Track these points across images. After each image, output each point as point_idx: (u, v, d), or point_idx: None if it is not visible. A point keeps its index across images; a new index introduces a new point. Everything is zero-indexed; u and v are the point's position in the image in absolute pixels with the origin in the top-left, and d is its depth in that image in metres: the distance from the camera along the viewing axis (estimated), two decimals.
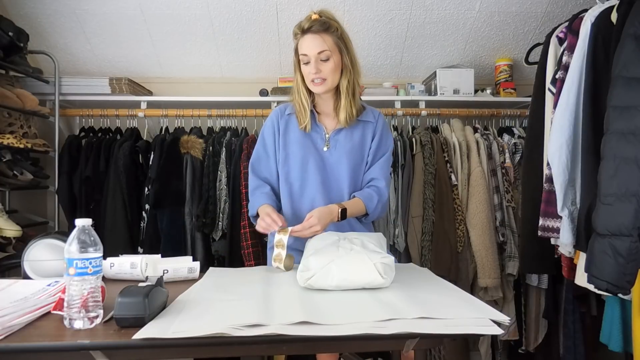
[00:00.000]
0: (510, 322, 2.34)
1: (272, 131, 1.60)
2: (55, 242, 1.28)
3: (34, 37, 2.45)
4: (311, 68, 1.48)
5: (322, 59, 1.47)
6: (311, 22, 1.47)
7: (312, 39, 1.47)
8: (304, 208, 1.54)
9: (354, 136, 1.58)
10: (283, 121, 1.59)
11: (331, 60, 1.47)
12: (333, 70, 1.48)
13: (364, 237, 1.30)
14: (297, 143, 1.56)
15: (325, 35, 1.46)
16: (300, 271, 1.16)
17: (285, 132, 1.58)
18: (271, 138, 1.60)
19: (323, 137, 1.57)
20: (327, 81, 1.49)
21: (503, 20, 2.63)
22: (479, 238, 2.31)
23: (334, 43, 1.48)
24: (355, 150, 1.57)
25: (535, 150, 1.92)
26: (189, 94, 2.63)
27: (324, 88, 1.50)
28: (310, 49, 1.47)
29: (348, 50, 1.51)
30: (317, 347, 1.06)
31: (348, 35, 1.54)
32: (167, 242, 2.26)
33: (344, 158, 1.55)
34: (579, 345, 2.14)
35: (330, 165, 1.56)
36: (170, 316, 0.92)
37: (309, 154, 1.55)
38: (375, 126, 1.60)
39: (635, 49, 1.35)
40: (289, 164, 1.57)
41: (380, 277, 1.12)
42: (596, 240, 1.36)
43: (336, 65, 1.49)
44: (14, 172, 2.15)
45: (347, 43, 1.52)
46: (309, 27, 1.47)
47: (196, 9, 2.48)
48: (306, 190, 1.55)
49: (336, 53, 1.48)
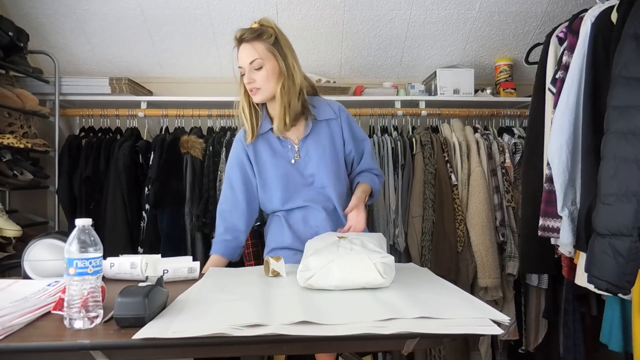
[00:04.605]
0: (510, 322, 2.35)
1: (241, 162, 1.59)
2: (55, 242, 1.28)
3: (34, 37, 2.45)
4: (245, 78, 1.48)
5: (255, 67, 1.46)
6: (242, 31, 1.47)
7: (244, 49, 1.47)
8: (298, 223, 1.56)
9: (322, 139, 1.57)
10: (250, 148, 1.58)
11: (264, 69, 1.46)
12: (266, 78, 1.47)
13: (364, 237, 1.30)
14: (271, 165, 1.56)
15: (256, 43, 1.45)
16: (300, 271, 1.16)
17: (256, 158, 1.57)
18: (239, 171, 1.59)
19: (291, 149, 1.57)
20: (261, 90, 1.48)
21: (503, 20, 2.63)
22: (479, 238, 2.31)
23: (266, 50, 1.46)
24: (327, 152, 1.57)
25: (535, 150, 1.92)
26: (189, 94, 2.63)
27: (260, 97, 1.50)
28: (242, 60, 1.47)
29: (284, 55, 1.48)
30: (317, 347, 1.06)
31: (287, 40, 1.52)
32: (167, 242, 2.26)
33: (321, 163, 1.55)
34: (579, 345, 2.14)
35: (309, 174, 1.56)
36: (170, 316, 0.92)
37: (284, 171, 1.55)
38: (340, 122, 1.61)
39: (635, 49, 1.35)
40: (268, 187, 1.57)
41: (380, 277, 1.12)
42: (596, 240, 1.36)
43: (270, 73, 1.47)
44: (14, 172, 2.15)
45: (283, 48, 1.49)
46: (241, 37, 1.47)
47: (196, 9, 2.48)
48: (294, 206, 1.56)
49: (269, 60, 1.46)
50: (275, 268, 1.31)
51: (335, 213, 1.58)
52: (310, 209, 1.56)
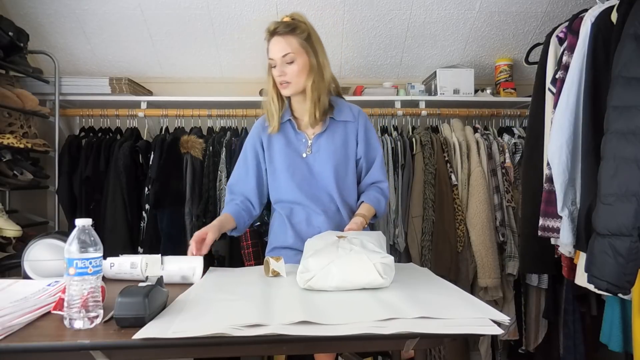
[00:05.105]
0: (510, 322, 2.35)
1: (255, 147, 1.61)
2: (55, 242, 1.28)
3: (34, 37, 2.45)
4: (276, 71, 1.48)
5: (287, 61, 1.47)
6: (276, 24, 1.47)
7: (277, 42, 1.47)
8: (298, 217, 1.56)
9: (336, 138, 1.58)
10: (265, 135, 1.60)
11: (295, 63, 1.47)
12: (297, 73, 1.48)
13: (363, 236, 1.30)
14: (281, 154, 1.57)
15: (290, 37, 1.46)
16: (300, 272, 1.16)
17: (270, 145, 1.59)
18: (253, 153, 1.61)
19: (305, 143, 1.58)
20: (292, 84, 1.49)
21: (503, 20, 2.63)
22: (479, 238, 2.31)
23: (299, 45, 1.47)
24: (339, 152, 1.57)
25: (535, 150, 1.92)
26: (189, 94, 2.63)
27: (290, 91, 1.51)
28: (275, 53, 1.47)
29: (315, 52, 1.50)
30: (317, 347, 1.06)
31: (318, 37, 1.53)
32: (167, 242, 2.26)
33: (329, 161, 1.55)
34: (579, 345, 2.14)
35: (317, 170, 1.56)
36: (170, 316, 0.92)
37: (293, 162, 1.56)
38: (357, 125, 1.60)
39: (635, 49, 1.35)
40: (276, 175, 1.58)
41: (380, 278, 1.12)
42: (596, 240, 1.36)
43: (301, 68, 1.48)
44: (14, 172, 2.15)
45: (315, 44, 1.50)
46: (274, 30, 1.47)
47: (196, 9, 2.48)
48: (295, 198, 1.56)
49: (301, 55, 1.47)
50: (275, 268, 1.31)
51: (338, 215, 1.57)
52: (313, 210, 1.56)
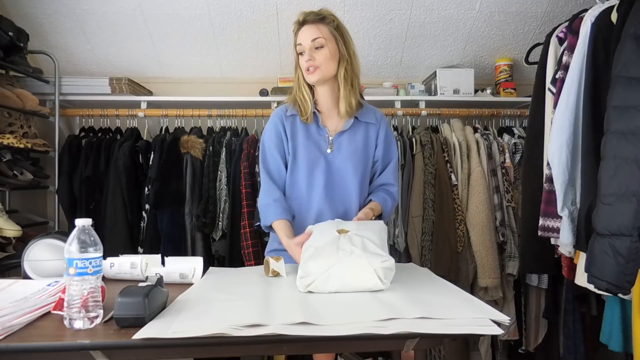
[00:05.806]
0: (510, 322, 2.34)
1: (279, 135, 1.56)
2: (55, 242, 1.28)
3: (34, 37, 2.45)
4: (305, 56, 1.48)
5: (316, 46, 1.47)
6: (306, 14, 1.49)
7: (307, 29, 1.48)
8: (310, 213, 1.53)
9: (357, 138, 1.56)
10: (288, 124, 1.56)
11: (325, 48, 1.47)
12: (327, 59, 1.48)
13: (364, 231, 1.26)
14: (303, 147, 1.54)
15: (320, 25, 1.48)
16: (299, 277, 1.15)
17: (293, 136, 1.56)
18: (279, 140, 1.56)
19: (326, 139, 1.56)
20: (320, 69, 1.48)
21: (503, 20, 2.63)
22: (479, 238, 2.31)
23: (329, 32, 1.48)
24: (359, 153, 1.56)
25: (535, 150, 1.92)
26: (189, 94, 2.63)
27: (317, 76, 1.48)
28: (304, 38, 1.48)
29: (345, 41, 1.51)
30: (317, 347, 1.06)
31: (347, 30, 1.54)
32: (167, 242, 2.26)
33: (349, 161, 1.54)
34: (579, 345, 2.14)
35: (336, 168, 1.54)
36: (170, 316, 0.92)
37: (315, 157, 1.54)
38: (378, 128, 1.59)
39: (635, 49, 1.35)
40: (297, 168, 1.55)
41: (381, 283, 1.12)
42: (596, 240, 1.36)
43: (331, 54, 1.48)
44: (14, 172, 2.15)
45: (344, 34, 1.52)
46: (304, 19, 1.49)
47: (196, 9, 2.48)
48: (312, 194, 1.53)
49: (331, 42, 1.48)
50: (275, 268, 1.31)
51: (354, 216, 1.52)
52: (328, 210, 1.52)
